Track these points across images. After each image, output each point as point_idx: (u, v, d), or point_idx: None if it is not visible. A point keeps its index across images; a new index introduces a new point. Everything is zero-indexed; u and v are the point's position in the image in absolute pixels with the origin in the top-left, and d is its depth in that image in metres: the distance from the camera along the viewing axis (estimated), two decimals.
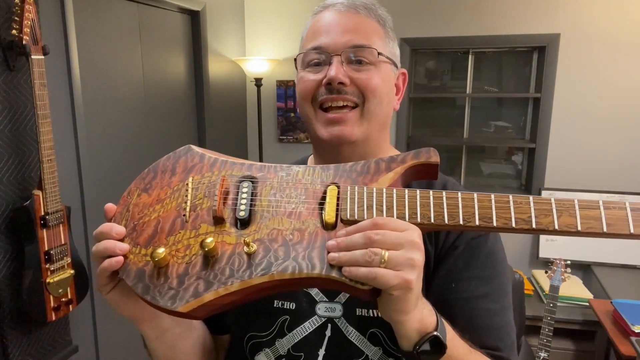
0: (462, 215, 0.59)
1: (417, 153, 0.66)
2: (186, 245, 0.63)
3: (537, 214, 0.58)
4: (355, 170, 0.67)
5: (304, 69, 0.82)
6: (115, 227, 0.64)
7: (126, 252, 0.63)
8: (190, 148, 0.72)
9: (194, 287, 0.59)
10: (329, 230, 0.61)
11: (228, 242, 0.62)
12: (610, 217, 0.57)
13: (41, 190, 1.61)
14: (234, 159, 0.71)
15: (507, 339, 0.76)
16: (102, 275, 0.64)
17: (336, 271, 0.57)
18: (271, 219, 0.63)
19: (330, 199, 0.63)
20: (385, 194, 0.62)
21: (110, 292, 0.66)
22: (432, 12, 3.23)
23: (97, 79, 2.15)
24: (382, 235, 0.56)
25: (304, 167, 0.68)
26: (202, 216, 0.64)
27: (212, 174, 0.68)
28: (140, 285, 0.61)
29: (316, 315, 0.77)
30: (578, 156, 3.16)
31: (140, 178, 0.70)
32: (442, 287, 0.75)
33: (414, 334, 0.61)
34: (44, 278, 1.63)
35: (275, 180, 0.67)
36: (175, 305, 0.59)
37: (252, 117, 3.62)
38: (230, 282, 0.59)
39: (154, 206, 0.67)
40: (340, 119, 0.78)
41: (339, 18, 0.80)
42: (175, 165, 0.70)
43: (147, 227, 0.65)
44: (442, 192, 0.61)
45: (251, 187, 0.66)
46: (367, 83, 0.78)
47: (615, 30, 2.97)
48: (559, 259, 2.46)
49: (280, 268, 0.59)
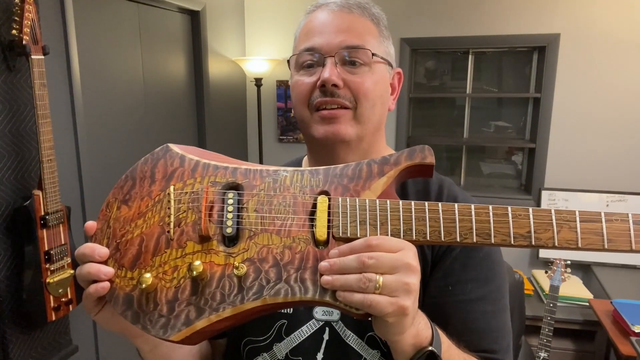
0: (459, 231, 0.58)
1: (411, 153, 0.63)
2: (173, 267, 0.60)
3: (536, 228, 0.56)
4: (346, 175, 0.63)
5: (298, 71, 0.81)
6: (97, 249, 0.62)
7: (111, 277, 0.61)
8: (169, 148, 0.69)
9: (185, 314, 0.58)
10: (321, 248, 0.59)
11: (217, 263, 0.60)
12: (611, 231, 0.55)
13: (41, 190, 1.61)
14: (216, 159, 0.67)
15: (503, 342, 0.76)
16: (89, 299, 0.62)
17: (330, 295, 0.56)
18: (260, 236, 0.61)
19: (321, 212, 0.60)
20: (379, 207, 0.59)
21: (99, 313, 0.64)
22: (432, 12, 3.23)
23: (97, 79, 2.15)
24: (376, 259, 0.54)
25: (292, 171, 0.65)
26: (187, 233, 0.62)
27: (195, 180, 0.65)
28: (129, 312, 0.59)
29: (314, 319, 0.77)
30: (578, 156, 3.16)
31: (117, 187, 0.67)
32: (438, 290, 0.75)
33: (409, 349, 0.61)
34: (44, 278, 1.63)
35: (262, 189, 0.63)
36: (167, 335, 0.58)
37: (252, 117, 3.62)
38: (222, 308, 0.57)
39: (136, 221, 0.64)
40: (334, 115, 0.77)
41: (332, 18, 0.79)
42: (154, 171, 0.67)
43: (131, 247, 0.62)
44: (437, 204, 0.59)
45: (237, 199, 0.63)
46: (359, 87, 0.77)
47: (615, 30, 2.97)
48: (559, 259, 2.46)
49: (273, 292, 0.57)
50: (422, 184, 0.81)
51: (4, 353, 1.63)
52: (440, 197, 0.79)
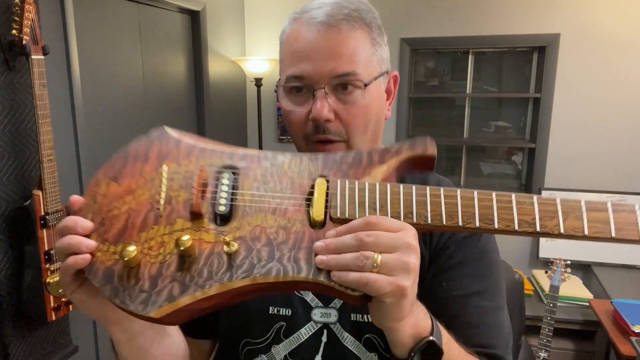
0: (461, 216, 0.55)
1: (413, 143, 0.62)
2: (160, 242, 0.57)
3: (541, 215, 0.54)
4: (346, 162, 0.61)
5: (287, 95, 0.77)
6: (80, 221, 0.57)
7: (93, 250, 0.56)
8: (165, 131, 0.66)
9: (167, 290, 0.54)
10: (317, 229, 0.56)
11: (206, 240, 0.56)
12: (619, 220, 0.53)
13: (41, 190, 1.61)
14: (213, 144, 0.65)
15: (501, 338, 0.74)
16: (65, 273, 0.57)
17: (324, 275, 0.53)
18: (254, 215, 0.58)
19: (319, 194, 0.58)
20: (379, 189, 0.57)
21: (75, 291, 0.59)
22: (432, 12, 3.23)
23: (97, 79, 2.15)
24: (374, 236, 0.52)
25: (290, 156, 0.63)
26: (177, 210, 0.59)
27: (190, 162, 0.62)
28: (108, 287, 0.55)
29: (312, 321, 0.76)
30: (578, 156, 3.15)
31: (109, 165, 0.63)
32: (433, 286, 0.74)
33: (408, 339, 0.58)
34: (44, 278, 1.63)
35: (259, 172, 0.61)
36: (147, 310, 0.53)
37: (252, 117, 3.62)
38: (209, 285, 0.54)
39: (125, 198, 0.60)
40: (328, 147, 0.75)
41: (320, 40, 0.73)
42: (148, 151, 0.63)
43: (117, 222, 0.58)
44: (439, 188, 0.57)
45: (232, 179, 0.60)
46: (350, 120, 0.74)
47: (615, 30, 2.97)
48: (559, 259, 2.46)
49: (264, 270, 0.54)
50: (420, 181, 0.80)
51: (4, 353, 1.63)
52: None
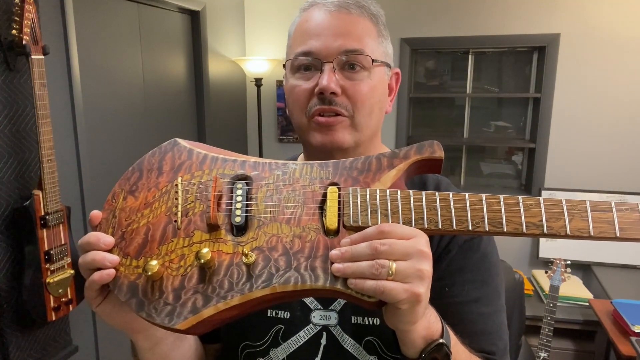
0: (470, 220, 0.57)
1: (420, 147, 0.64)
2: (180, 255, 0.59)
3: (548, 217, 0.56)
4: (356, 168, 0.63)
5: (294, 74, 0.79)
6: (102, 237, 0.60)
7: (116, 265, 0.59)
8: (177, 142, 0.68)
9: (191, 302, 0.56)
10: (331, 237, 0.58)
11: (225, 252, 0.59)
12: (623, 220, 0.55)
13: (41, 190, 1.61)
14: (225, 153, 0.67)
15: (500, 343, 0.76)
16: (91, 288, 0.60)
17: (341, 283, 0.55)
18: (269, 225, 0.60)
19: (331, 202, 0.60)
20: (390, 196, 0.59)
21: (101, 304, 0.62)
22: (432, 12, 3.23)
23: (97, 79, 2.15)
24: (389, 245, 0.53)
25: (301, 164, 0.65)
26: (195, 222, 0.61)
27: (203, 172, 0.64)
28: (134, 300, 0.58)
29: (311, 323, 0.76)
30: (578, 156, 3.16)
31: (124, 178, 0.66)
32: (436, 291, 0.73)
33: (419, 341, 0.60)
34: (44, 278, 1.63)
35: (271, 180, 0.63)
36: (173, 323, 0.56)
37: (252, 117, 3.62)
38: (230, 296, 0.56)
39: (142, 211, 0.63)
40: (331, 122, 0.76)
41: (330, 19, 0.76)
42: (161, 163, 0.66)
43: (137, 236, 0.61)
44: (448, 193, 0.59)
45: (246, 189, 0.62)
46: (357, 95, 0.76)
47: (615, 30, 2.97)
48: (559, 259, 2.46)
49: (282, 280, 0.56)
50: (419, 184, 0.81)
51: (4, 353, 1.63)
52: None
